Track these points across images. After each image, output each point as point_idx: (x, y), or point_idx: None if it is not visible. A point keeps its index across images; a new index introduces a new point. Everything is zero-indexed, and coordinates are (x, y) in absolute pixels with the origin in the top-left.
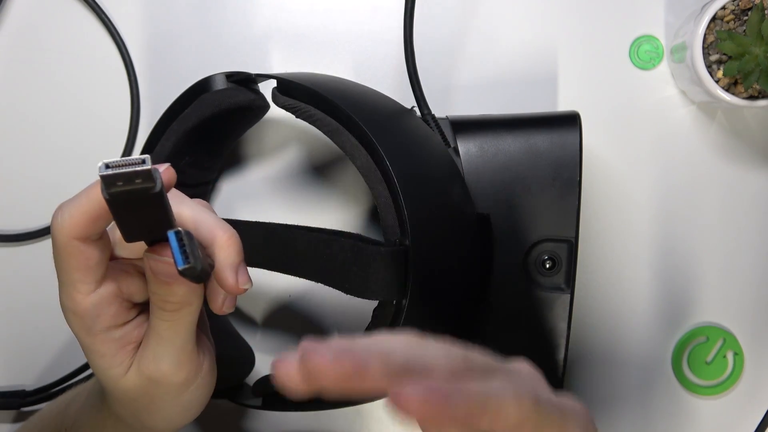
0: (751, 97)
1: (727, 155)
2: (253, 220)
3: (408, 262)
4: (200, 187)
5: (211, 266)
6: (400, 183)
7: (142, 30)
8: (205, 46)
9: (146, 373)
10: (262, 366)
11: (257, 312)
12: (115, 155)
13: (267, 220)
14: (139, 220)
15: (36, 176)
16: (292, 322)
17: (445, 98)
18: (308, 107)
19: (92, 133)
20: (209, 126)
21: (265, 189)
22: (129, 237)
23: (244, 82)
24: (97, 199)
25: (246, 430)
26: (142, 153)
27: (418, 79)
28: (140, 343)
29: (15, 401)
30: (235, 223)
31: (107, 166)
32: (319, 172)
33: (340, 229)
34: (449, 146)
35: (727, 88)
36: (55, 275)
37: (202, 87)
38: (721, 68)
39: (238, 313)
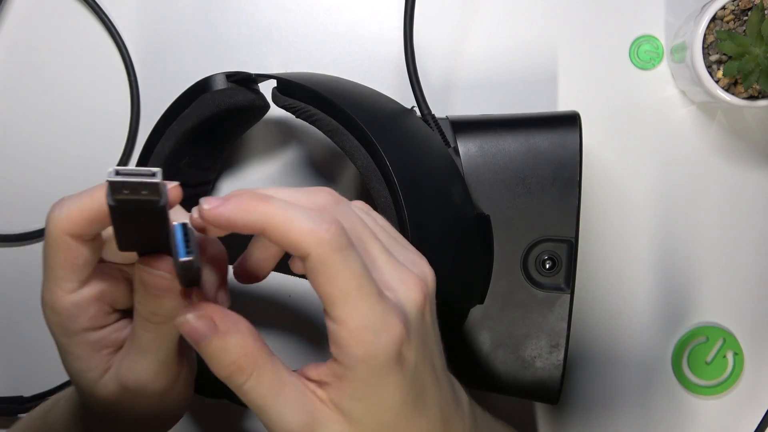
0: (751, 97)
1: (727, 155)
2: None
3: None
4: (200, 187)
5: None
6: (400, 183)
7: (142, 30)
8: (205, 46)
9: (124, 382)
10: None
11: (257, 312)
12: (115, 155)
13: None
14: (136, 232)
15: (36, 176)
16: (292, 322)
17: (445, 98)
18: (308, 107)
19: (92, 133)
20: (209, 126)
21: None
22: (123, 246)
23: (244, 82)
24: (99, 201)
25: (246, 430)
26: (142, 153)
27: (418, 79)
28: (118, 348)
29: (13, 407)
30: None
31: (117, 173)
32: (319, 172)
33: None
34: (449, 146)
35: (727, 88)
36: None
37: (202, 87)
38: (721, 68)
39: (239, 313)
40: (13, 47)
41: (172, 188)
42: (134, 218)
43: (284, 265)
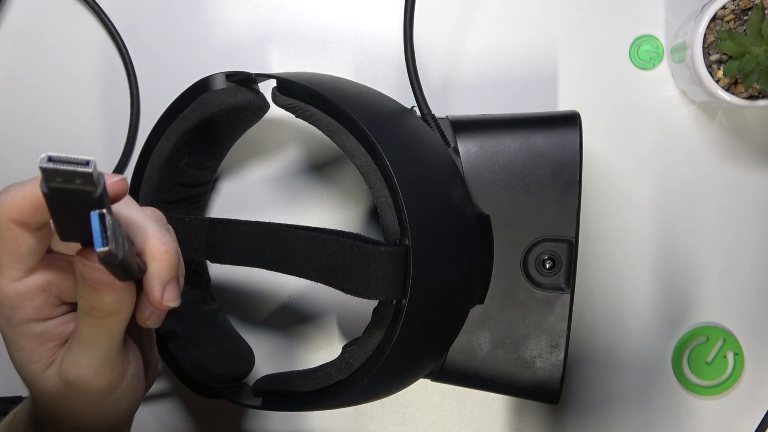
0: (752, 97)
1: (727, 155)
2: (253, 220)
3: (408, 262)
4: (200, 187)
5: (141, 270)
6: (400, 183)
7: (142, 30)
8: (205, 46)
9: (65, 376)
10: (262, 366)
11: (257, 312)
12: (116, 155)
13: (267, 220)
14: (75, 221)
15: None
16: (292, 322)
17: (445, 98)
18: (308, 107)
19: (92, 133)
20: (209, 126)
21: (265, 189)
22: (63, 236)
23: (244, 81)
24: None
25: (246, 430)
26: (142, 153)
27: (418, 79)
28: (64, 342)
29: (11, 408)
30: (235, 223)
31: (50, 159)
32: (319, 172)
33: (339, 229)
34: (449, 146)
35: (728, 88)
36: None
37: (202, 87)
38: (722, 68)
39: (238, 313)
40: (13, 47)
41: (116, 182)
42: (71, 208)
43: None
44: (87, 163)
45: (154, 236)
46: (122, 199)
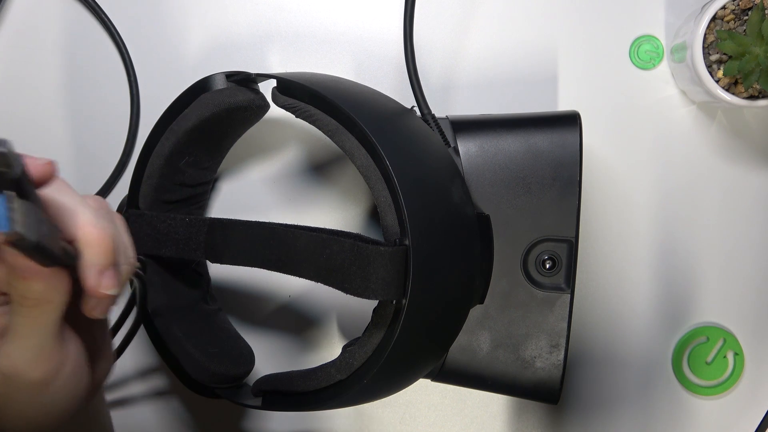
0: (752, 97)
1: (727, 155)
2: (253, 220)
3: (408, 262)
4: (200, 187)
5: (71, 257)
6: (400, 183)
7: (142, 30)
8: (205, 46)
9: (0, 368)
10: (262, 366)
11: (257, 312)
12: (115, 155)
13: (267, 220)
14: None
15: None
16: (292, 322)
17: (445, 98)
18: (308, 107)
19: (92, 133)
20: (209, 126)
21: (265, 189)
22: None
23: (244, 81)
24: None
25: (246, 430)
26: (142, 152)
27: (418, 79)
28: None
29: None
30: (235, 223)
31: None
32: (319, 172)
33: (339, 229)
34: (449, 146)
35: (728, 88)
36: None
37: (202, 87)
38: (722, 68)
39: (238, 313)
40: (13, 47)
41: (41, 164)
42: None
43: None
44: (2, 143)
45: (87, 221)
46: (52, 183)
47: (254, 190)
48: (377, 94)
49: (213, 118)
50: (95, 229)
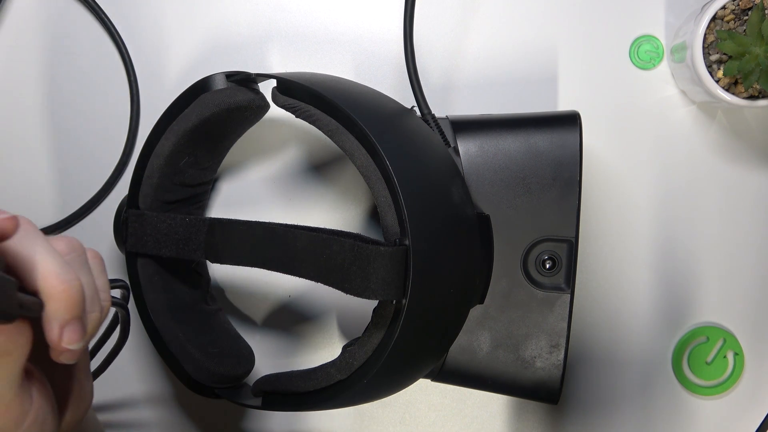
0: (752, 97)
1: (727, 155)
2: (253, 220)
3: (408, 262)
4: (200, 187)
5: (32, 309)
6: (400, 183)
7: (142, 30)
8: (205, 46)
9: None
10: (262, 366)
11: (257, 312)
12: (115, 155)
13: (267, 220)
14: None
15: (36, 176)
16: (292, 322)
17: (445, 98)
18: (308, 107)
19: (92, 133)
20: (209, 126)
21: (265, 189)
22: None
23: (244, 81)
24: None
25: (246, 430)
26: (142, 152)
27: (418, 79)
28: None
29: None
30: (235, 223)
31: None
32: (319, 172)
33: (339, 229)
34: (449, 146)
35: (728, 88)
36: None
37: (202, 87)
38: (722, 68)
39: (238, 313)
40: (13, 47)
41: (3, 219)
42: None
43: None
44: None
45: (49, 273)
46: (14, 234)
47: (254, 190)
48: (377, 94)
49: (213, 118)
50: (57, 281)
